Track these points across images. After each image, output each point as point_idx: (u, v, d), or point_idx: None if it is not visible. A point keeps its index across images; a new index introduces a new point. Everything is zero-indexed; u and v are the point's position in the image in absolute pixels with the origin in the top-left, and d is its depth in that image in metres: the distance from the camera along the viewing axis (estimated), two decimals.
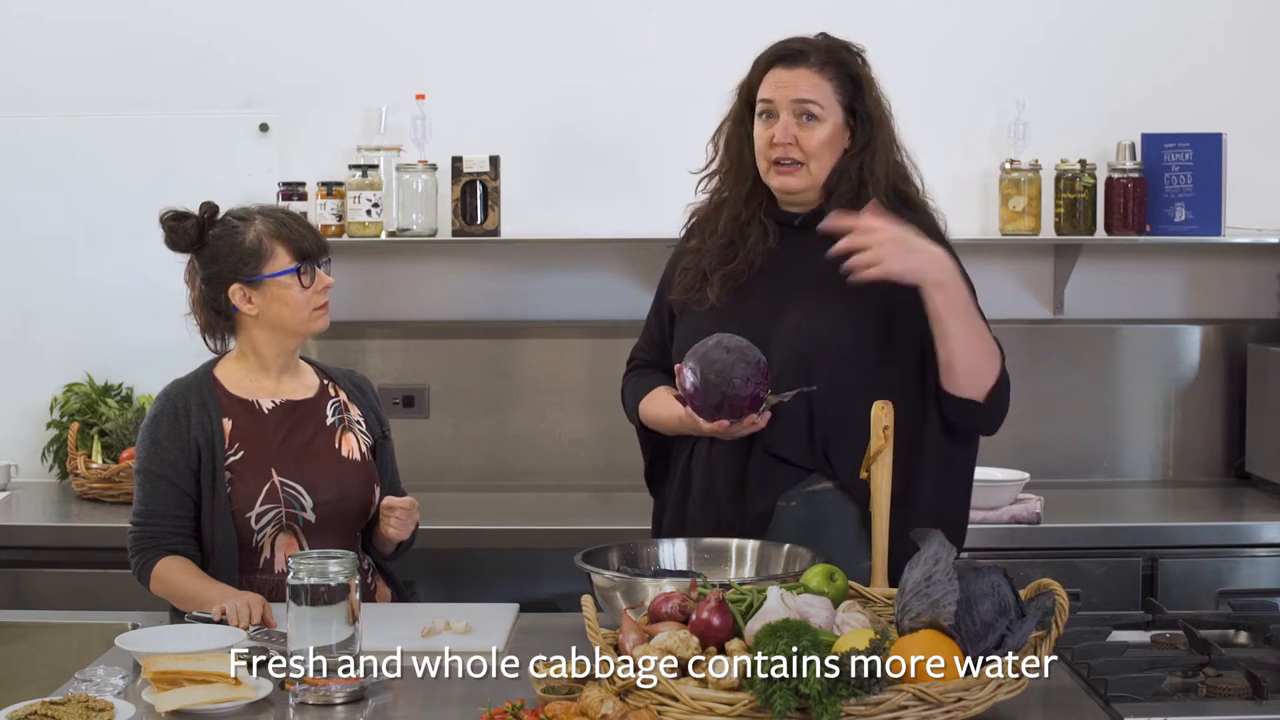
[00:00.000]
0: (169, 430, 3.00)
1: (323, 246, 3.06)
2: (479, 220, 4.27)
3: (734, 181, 3.04)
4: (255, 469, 2.98)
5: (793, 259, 2.99)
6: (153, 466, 3.00)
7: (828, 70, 2.96)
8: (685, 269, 3.06)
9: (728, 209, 3.03)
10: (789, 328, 2.93)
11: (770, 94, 2.96)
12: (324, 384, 3.14)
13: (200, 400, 3.03)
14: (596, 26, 4.43)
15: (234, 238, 3.04)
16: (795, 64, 2.96)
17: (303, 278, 3.01)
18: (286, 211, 3.13)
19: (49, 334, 4.48)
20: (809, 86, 2.94)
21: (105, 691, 2.38)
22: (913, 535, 2.42)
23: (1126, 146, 4.30)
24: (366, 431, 3.13)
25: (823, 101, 2.94)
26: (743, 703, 2.13)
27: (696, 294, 3.02)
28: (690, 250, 3.07)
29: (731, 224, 3.01)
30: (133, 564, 3.01)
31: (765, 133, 2.96)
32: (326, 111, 4.43)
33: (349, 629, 2.39)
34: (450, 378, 4.35)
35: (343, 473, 3.04)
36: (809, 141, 2.94)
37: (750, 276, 2.99)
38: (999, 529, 3.85)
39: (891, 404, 2.76)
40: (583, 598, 2.43)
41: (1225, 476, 4.46)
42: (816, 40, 3.01)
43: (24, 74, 4.46)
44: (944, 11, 4.46)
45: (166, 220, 3.10)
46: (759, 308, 2.96)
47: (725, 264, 3.00)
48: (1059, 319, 4.50)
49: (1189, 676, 2.56)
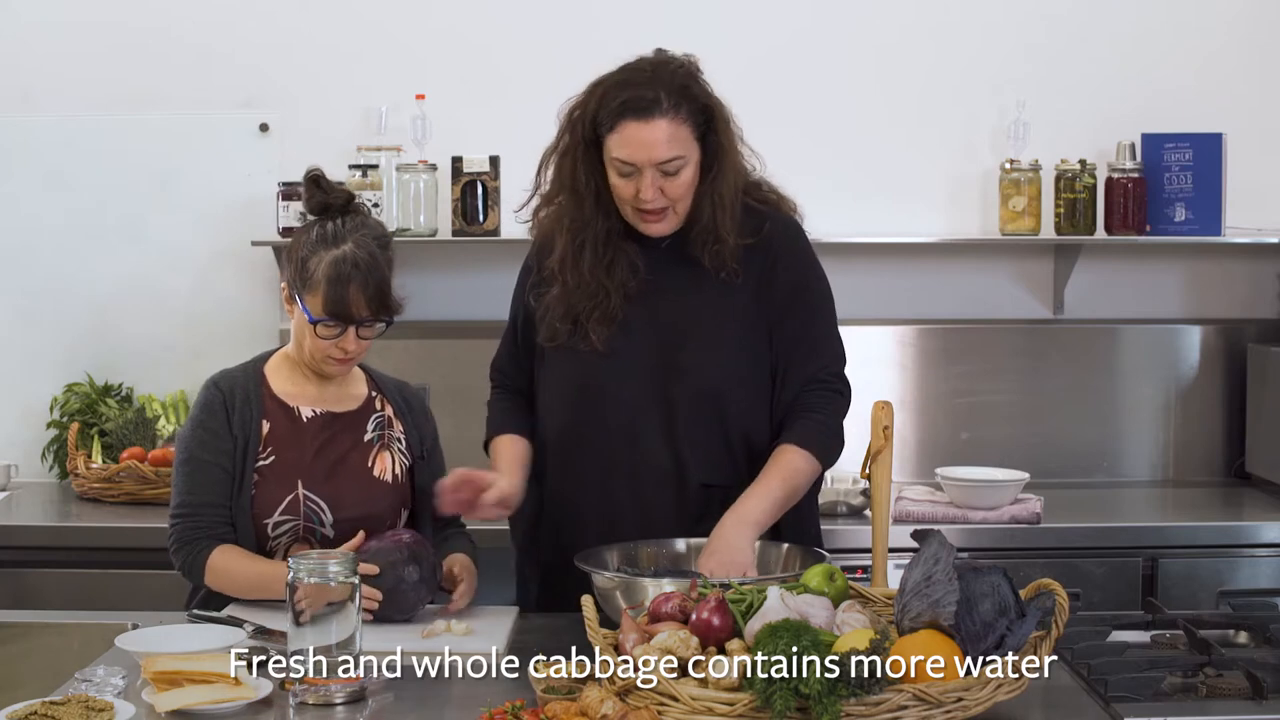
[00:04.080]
0: (220, 418, 2.94)
1: (372, 312, 2.88)
2: (479, 220, 4.27)
3: (586, 220, 2.92)
4: (282, 477, 2.93)
5: (666, 290, 2.94)
6: (204, 454, 2.92)
7: (682, 111, 2.82)
8: (553, 315, 2.95)
9: (588, 251, 2.91)
10: (691, 366, 2.91)
11: (629, 156, 2.81)
12: (372, 396, 3.07)
13: (245, 396, 2.97)
14: (597, 26, 4.42)
15: (307, 247, 2.91)
16: (650, 115, 2.79)
17: (318, 328, 2.90)
18: (370, 260, 2.87)
19: (49, 334, 4.48)
20: (668, 143, 2.80)
21: (105, 691, 2.38)
22: (913, 535, 2.42)
23: (1126, 146, 4.30)
24: (405, 450, 3.06)
25: (683, 151, 2.82)
26: (743, 703, 2.13)
27: (573, 338, 2.94)
28: (555, 298, 2.95)
29: (595, 265, 2.92)
30: (179, 557, 2.91)
31: (628, 187, 2.84)
32: (326, 111, 4.43)
33: (349, 629, 2.39)
34: (450, 378, 4.34)
35: (370, 493, 2.97)
36: (675, 190, 2.85)
37: (628, 313, 2.93)
38: (999, 529, 3.85)
39: (891, 404, 2.77)
40: (583, 598, 2.43)
41: (1225, 476, 4.46)
42: (660, 75, 2.84)
43: (25, 73, 4.47)
44: (944, 11, 4.46)
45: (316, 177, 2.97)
46: (651, 350, 2.92)
47: (598, 306, 2.92)
48: (1059, 319, 4.50)
49: (1189, 676, 2.56)
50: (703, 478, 2.92)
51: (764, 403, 2.95)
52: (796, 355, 2.95)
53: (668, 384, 2.90)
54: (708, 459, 2.92)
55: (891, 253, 4.44)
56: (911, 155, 4.45)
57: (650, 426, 2.91)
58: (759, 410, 2.95)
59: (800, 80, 4.39)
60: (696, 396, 2.91)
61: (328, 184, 2.98)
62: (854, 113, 4.43)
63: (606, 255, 2.93)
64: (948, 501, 3.94)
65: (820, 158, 4.32)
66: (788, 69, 4.38)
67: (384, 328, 2.94)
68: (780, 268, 2.95)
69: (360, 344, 2.93)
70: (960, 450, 4.38)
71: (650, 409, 2.92)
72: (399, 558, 2.79)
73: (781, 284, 2.95)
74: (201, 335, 4.43)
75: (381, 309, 2.90)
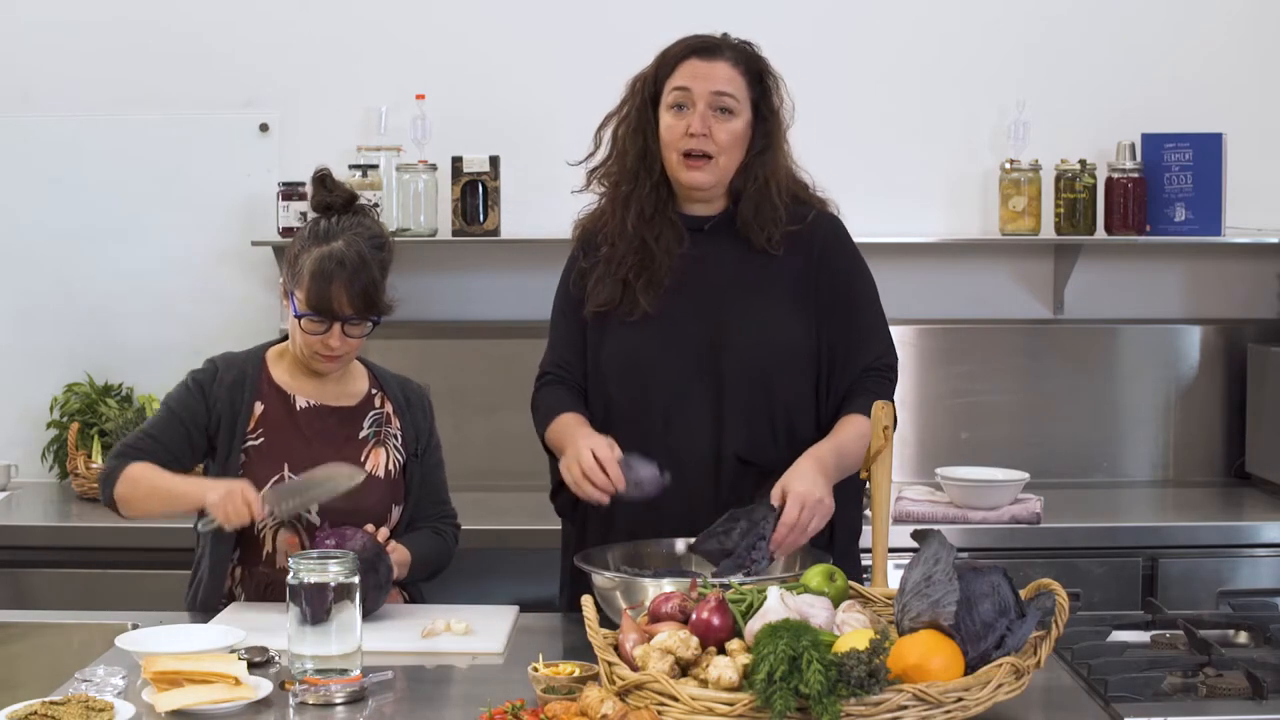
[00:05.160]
0: (204, 389, 2.99)
1: (356, 310, 2.89)
2: (479, 220, 4.27)
3: (635, 178, 2.97)
4: (270, 458, 2.96)
5: (714, 264, 2.95)
6: (176, 406, 3.00)
7: (740, 67, 2.94)
8: (600, 279, 2.98)
9: (633, 208, 2.96)
10: (742, 341, 2.92)
11: (687, 83, 2.90)
12: (372, 393, 3.09)
13: (242, 376, 3.01)
14: (597, 26, 4.43)
15: (300, 243, 2.95)
16: (713, 56, 2.92)
17: (302, 322, 2.93)
18: (358, 258, 2.89)
19: (49, 334, 4.48)
20: (726, 79, 2.91)
21: (105, 691, 2.38)
22: (913, 535, 2.42)
23: (1126, 146, 4.30)
24: (400, 447, 3.07)
25: (738, 96, 2.92)
26: (743, 703, 2.13)
27: (622, 305, 2.95)
28: (603, 259, 2.98)
29: (639, 224, 2.95)
30: (106, 466, 2.98)
31: (678, 124, 2.91)
32: (326, 111, 4.43)
33: (349, 629, 2.39)
34: (450, 378, 4.35)
35: (359, 486, 2.96)
36: (722, 135, 2.90)
37: (676, 280, 2.94)
38: (999, 529, 3.85)
39: (892, 404, 2.77)
40: (583, 598, 2.43)
41: (1225, 476, 4.46)
42: (727, 38, 2.98)
43: (25, 73, 4.47)
44: (944, 12, 4.46)
45: (322, 176, 3.01)
46: (701, 319, 2.93)
47: (645, 269, 2.95)
48: (1059, 319, 4.50)
49: (1189, 676, 2.56)
50: (742, 453, 2.91)
51: (809, 387, 2.95)
52: (850, 344, 2.96)
53: (716, 357, 2.91)
54: (750, 436, 2.91)
55: (891, 253, 4.43)
56: (911, 155, 4.45)
57: (696, 398, 2.91)
58: (805, 393, 2.95)
59: (800, 80, 4.36)
60: (745, 372, 2.91)
61: (333, 183, 3.00)
62: (854, 113, 4.42)
63: (653, 219, 2.96)
64: (948, 501, 3.94)
65: (820, 158, 4.29)
66: (787, 69, 4.34)
67: (371, 327, 2.95)
68: (828, 257, 2.97)
69: (347, 342, 2.94)
70: (960, 450, 4.38)
71: (697, 381, 2.92)
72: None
73: (829, 272, 2.96)
74: (201, 335, 4.42)
75: (367, 308, 2.91)
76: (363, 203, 3.04)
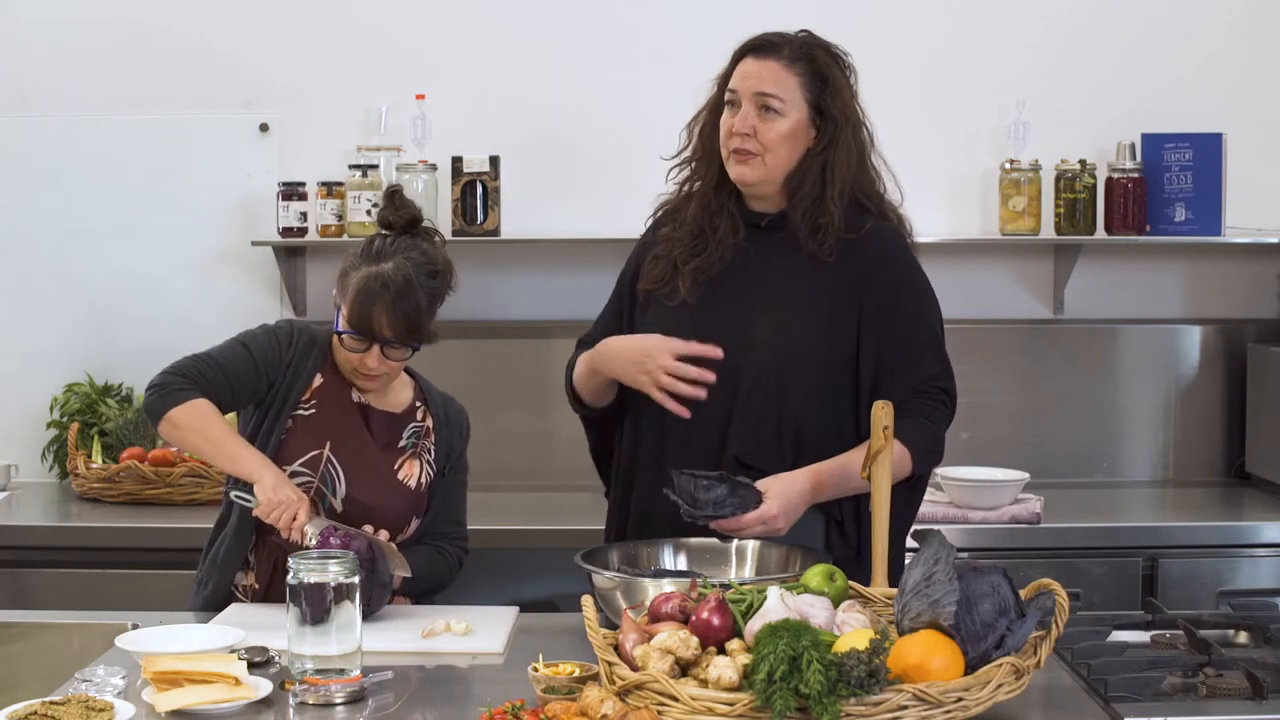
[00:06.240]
0: (280, 342, 3.00)
1: (396, 335, 2.89)
2: (479, 220, 4.27)
3: (703, 171, 3.03)
4: (315, 432, 2.96)
5: (760, 261, 2.97)
6: (254, 347, 2.99)
7: (797, 65, 2.94)
8: (656, 258, 3.04)
9: (697, 198, 3.03)
10: (762, 341, 2.92)
11: (735, 84, 2.95)
12: (415, 405, 3.09)
13: (312, 344, 3.01)
14: (597, 26, 4.43)
15: (353, 259, 2.95)
16: (765, 55, 2.94)
17: (344, 339, 2.94)
18: (404, 283, 2.88)
19: (49, 334, 4.48)
20: (772, 80, 2.93)
21: (105, 691, 2.38)
22: (913, 535, 2.42)
23: (1126, 146, 4.30)
24: (433, 462, 3.07)
25: (785, 96, 2.93)
26: (743, 703, 2.13)
27: (666, 286, 3.00)
28: (662, 239, 3.05)
29: (700, 213, 3.01)
30: (161, 379, 2.94)
31: (727, 121, 2.96)
32: (326, 111, 4.43)
33: (349, 629, 2.39)
34: (450, 378, 4.33)
35: (388, 490, 2.99)
36: (766, 134, 2.92)
37: (721, 271, 2.97)
38: (999, 529, 3.86)
39: (891, 404, 2.76)
40: (583, 598, 2.43)
41: (1225, 476, 4.46)
42: (796, 35, 3.00)
43: (24, 74, 4.47)
44: (944, 11, 4.46)
45: (394, 191, 3.03)
46: (731, 312, 2.94)
47: (695, 255, 2.99)
48: (1059, 319, 4.50)
49: (1189, 676, 2.56)
50: (741, 454, 2.90)
51: (829, 399, 2.92)
52: (902, 361, 2.93)
53: (737, 353, 2.90)
54: (753, 436, 2.91)
55: None
56: (911, 155, 4.40)
57: (709, 392, 2.89)
58: (819, 403, 2.92)
59: None
60: (759, 370, 2.90)
61: (402, 200, 3.00)
62: None
63: (713, 206, 3.00)
64: (948, 501, 3.94)
65: None
66: None
67: (412, 353, 2.96)
68: (877, 269, 2.95)
69: (385, 363, 2.94)
70: (960, 450, 4.36)
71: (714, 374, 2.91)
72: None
73: (880, 286, 2.94)
74: (201, 335, 4.38)
75: (409, 334, 2.91)
76: (427, 225, 3.02)
